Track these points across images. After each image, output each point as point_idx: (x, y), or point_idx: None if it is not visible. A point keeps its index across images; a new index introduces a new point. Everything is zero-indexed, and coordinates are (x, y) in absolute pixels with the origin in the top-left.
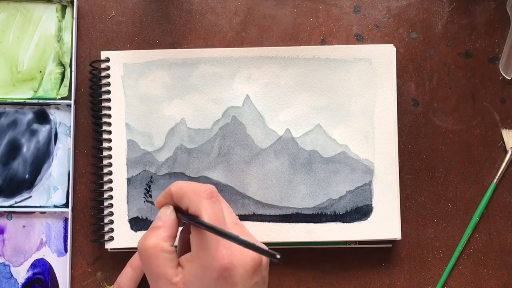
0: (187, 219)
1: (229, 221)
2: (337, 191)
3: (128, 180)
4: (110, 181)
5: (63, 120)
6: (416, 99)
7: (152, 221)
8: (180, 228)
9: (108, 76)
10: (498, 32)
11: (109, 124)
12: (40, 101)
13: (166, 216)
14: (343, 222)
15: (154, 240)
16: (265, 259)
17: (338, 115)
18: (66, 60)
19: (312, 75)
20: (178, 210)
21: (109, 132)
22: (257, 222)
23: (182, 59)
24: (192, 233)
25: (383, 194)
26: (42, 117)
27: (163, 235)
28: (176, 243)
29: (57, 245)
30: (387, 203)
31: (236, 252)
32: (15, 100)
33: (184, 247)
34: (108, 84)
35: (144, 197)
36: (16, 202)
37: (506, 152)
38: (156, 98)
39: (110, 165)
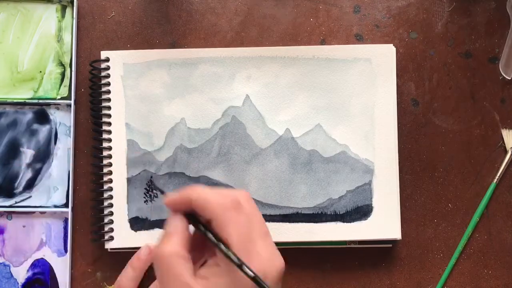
0: (203, 233)
1: (255, 234)
2: (337, 190)
3: (128, 180)
4: (110, 181)
5: (63, 120)
6: (416, 99)
7: (152, 221)
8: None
9: (108, 76)
10: (498, 32)
11: (109, 124)
12: (40, 101)
13: (178, 221)
14: (343, 222)
15: (171, 247)
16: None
17: (338, 115)
18: (66, 60)
19: (312, 75)
20: (190, 215)
21: (109, 132)
22: None
23: (182, 59)
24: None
25: (383, 194)
26: (42, 117)
27: (179, 242)
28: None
29: (57, 245)
30: (387, 203)
31: (268, 267)
32: (15, 100)
33: (193, 253)
34: (108, 84)
35: (144, 197)
36: (16, 202)
37: (506, 152)
38: (156, 98)
39: (110, 165)
